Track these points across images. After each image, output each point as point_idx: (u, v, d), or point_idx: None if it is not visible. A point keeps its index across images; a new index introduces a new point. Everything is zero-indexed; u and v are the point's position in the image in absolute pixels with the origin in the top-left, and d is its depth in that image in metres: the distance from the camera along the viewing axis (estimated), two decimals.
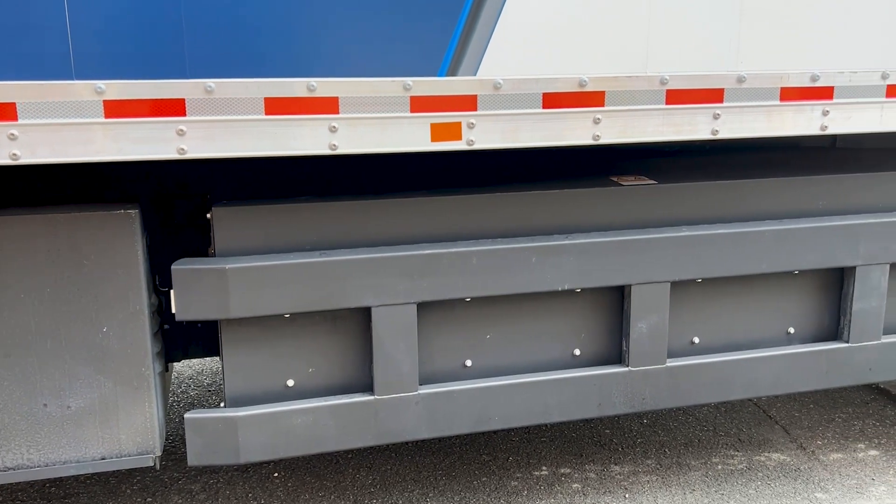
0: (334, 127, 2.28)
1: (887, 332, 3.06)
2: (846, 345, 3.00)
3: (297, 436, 2.58)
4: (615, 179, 2.90)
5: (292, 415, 2.55)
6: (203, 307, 2.42)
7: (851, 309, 2.97)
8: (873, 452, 3.69)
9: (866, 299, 2.97)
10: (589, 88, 2.46)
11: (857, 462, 3.60)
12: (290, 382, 2.61)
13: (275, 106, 2.24)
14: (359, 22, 2.27)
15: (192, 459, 2.53)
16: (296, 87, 2.24)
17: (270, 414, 2.54)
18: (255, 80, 2.22)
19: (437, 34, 2.33)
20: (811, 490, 3.36)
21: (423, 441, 3.58)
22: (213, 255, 2.49)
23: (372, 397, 2.61)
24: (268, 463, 3.58)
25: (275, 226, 2.49)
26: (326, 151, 2.29)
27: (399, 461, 3.64)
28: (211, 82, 2.19)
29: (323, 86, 2.25)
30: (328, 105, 2.27)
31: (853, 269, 2.94)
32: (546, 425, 3.86)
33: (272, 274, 2.43)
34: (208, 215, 2.49)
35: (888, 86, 2.68)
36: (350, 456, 3.67)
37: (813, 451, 3.69)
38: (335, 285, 2.48)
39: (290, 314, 2.52)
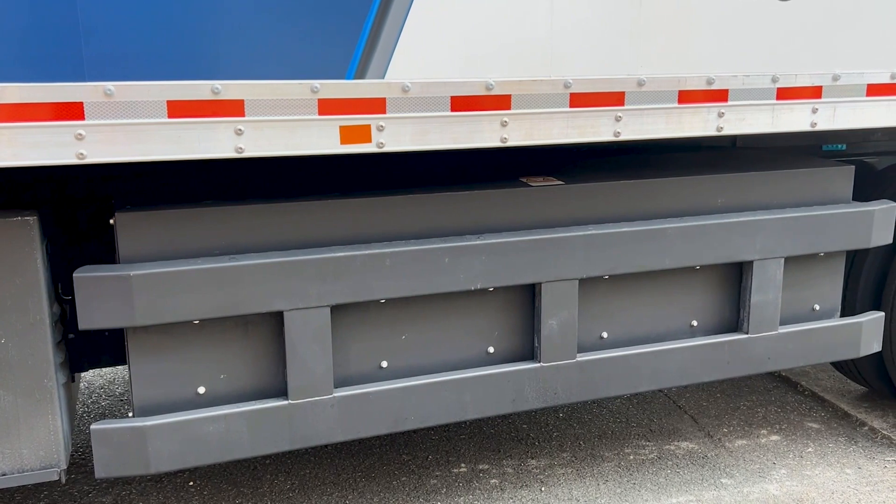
0: (240, 130, 2.26)
1: (783, 322, 3.22)
2: (746, 336, 3.15)
3: (209, 444, 2.54)
4: (525, 180, 2.96)
5: (204, 422, 2.51)
6: (107, 315, 2.36)
7: (750, 301, 3.12)
8: (775, 438, 3.87)
9: (763, 292, 3.12)
10: (495, 92, 2.51)
11: (760, 447, 3.77)
12: (201, 390, 2.56)
13: (178, 109, 2.20)
14: (265, 23, 2.26)
15: (100, 472, 2.47)
16: (200, 89, 2.21)
17: (181, 422, 2.49)
18: (158, 83, 2.18)
19: (344, 36, 2.34)
20: (717, 476, 3.51)
21: (342, 443, 3.57)
22: (119, 262, 2.43)
23: (286, 402, 2.59)
24: (182, 472, 3.51)
25: (181, 231, 2.45)
26: (232, 155, 2.27)
27: (318, 464, 3.62)
28: (111, 85, 2.14)
29: (228, 88, 2.23)
30: (233, 108, 2.24)
31: (751, 263, 3.08)
32: (465, 422, 3.91)
33: (179, 280, 2.38)
34: (111, 221, 2.43)
35: (778, 89, 2.82)
36: (267, 461, 3.63)
37: (719, 439, 3.85)
38: (245, 290, 2.45)
39: (200, 321, 2.48)
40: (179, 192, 2.75)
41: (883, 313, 3.44)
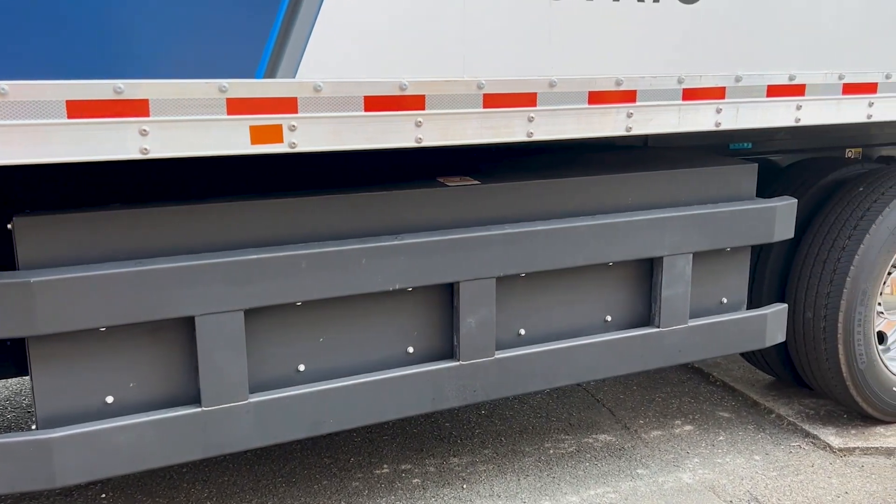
0: (145, 130, 2.19)
1: (693, 316, 3.31)
2: (657, 329, 3.23)
3: (119, 454, 2.46)
4: (441, 180, 2.97)
5: (113, 433, 2.43)
6: (6, 324, 2.26)
7: (661, 296, 3.20)
8: (688, 427, 3.99)
9: (673, 287, 3.21)
10: (409, 92, 2.51)
11: (675, 438, 3.88)
12: (110, 399, 2.48)
13: (79, 109, 2.12)
14: (171, 21, 2.20)
15: (2, 487, 2.36)
16: (101, 89, 2.13)
17: (88, 433, 2.40)
18: (56, 82, 2.10)
19: (253, 34, 2.29)
20: (633, 467, 3.60)
21: (261, 449, 3.52)
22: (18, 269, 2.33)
23: (199, 409, 2.53)
24: (94, 484, 3.39)
25: (84, 235, 2.36)
26: (137, 156, 2.20)
27: (237, 471, 3.55)
28: (5, 84, 2.04)
29: (131, 88, 2.16)
30: (138, 108, 2.18)
31: (661, 259, 3.17)
32: (388, 423, 3.90)
33: (83, 286, 2.30)
34: (9, 226, 2.33)
35: (684, 89, 2.91)
36: (184, 469, 3.54)
37: (636, 430, 3.95)
38: (154, 295, 2.38)
39: (106, 328, 2.40)
40: (87, 195, 2.65)
41: (786, 305, 3.60)
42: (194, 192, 2.73)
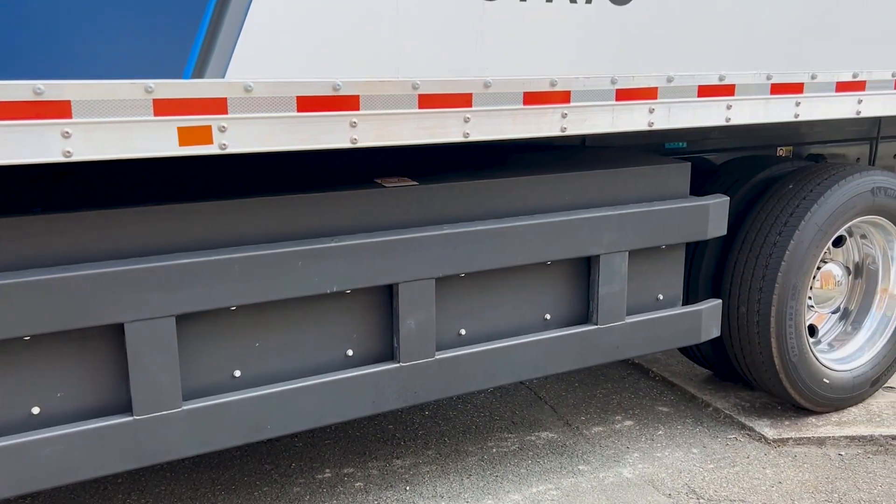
0: (68, 133, 2.12)
1: (630, 312, 3.36)
2: (595, 327, 3.27)
3: (47, 466, 2.38)
4: (379, 181, 2.95)
5: (39, 445, 2.35)
6: None
7: (598, 294, 3.24)
8: (629, 423, 4.05)
9: (610, 284, 3.25)
10: (343, 92, 2.48)
11: (615, 433, 3.94)
12: (36, 410, 2.40)
13: None
14: (94, 20, 2.14)
15: None
16: (20, 90, 2.06)
17: (13, 446, 2.32)
18: None
19: (180, 32, 2.24)
20: (575, 463, 3.64)
21: (199, 457, 3.44)
22: None
23: (130, 418, 2.46)
24: (23, 498, 3.28)
25: (6, 242, 2.28)
26: (59, 159, 2.13)
27: (174, 480, 3.47)
28: None
29: (52, 89, 2.09)
30: (59, 109, 2.11)
31: (598, 257, 3.20)
32: (330, 426, 3.87)
33: (5, 294, 2.22)
34: None
35: (617, 90, 2.94)
36: (119, 479, 3.45)
37: (577, 427, 3.99)
38: (80, 302, 2.31)
39: (31, 336, 2.32)
40: (11, 200, 2.57)
41: (720, 300, 3.68)
42: (126, 195, 2.66)
